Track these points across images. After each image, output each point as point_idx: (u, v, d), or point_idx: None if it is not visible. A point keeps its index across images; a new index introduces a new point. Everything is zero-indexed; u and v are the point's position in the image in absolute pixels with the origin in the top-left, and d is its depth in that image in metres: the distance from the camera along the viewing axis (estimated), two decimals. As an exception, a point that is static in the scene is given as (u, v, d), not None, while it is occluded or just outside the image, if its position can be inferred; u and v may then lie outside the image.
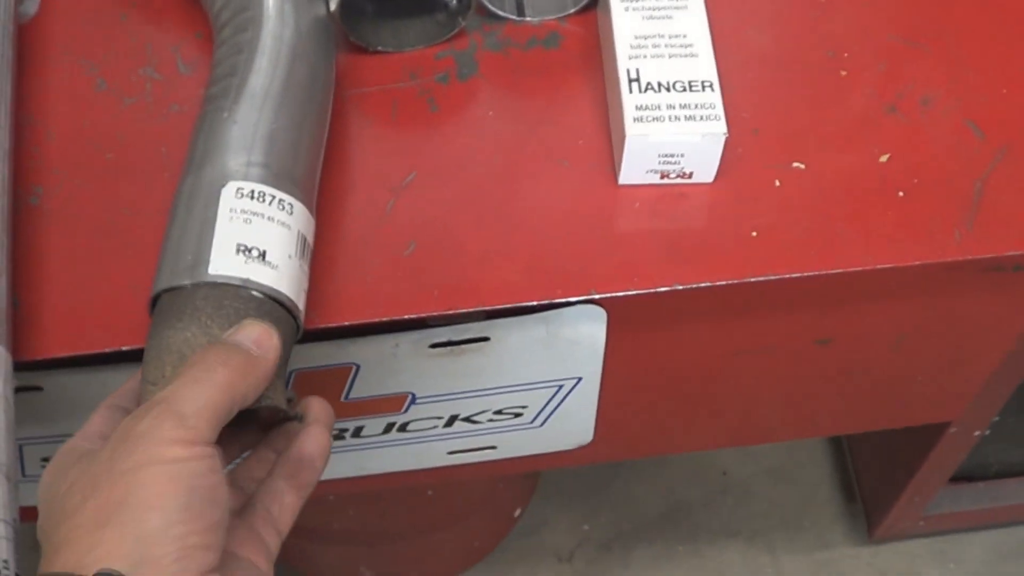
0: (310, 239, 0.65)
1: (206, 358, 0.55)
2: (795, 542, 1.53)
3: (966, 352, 0.86)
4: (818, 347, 0.81)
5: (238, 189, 0.62)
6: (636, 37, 0.73)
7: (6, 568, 0.57)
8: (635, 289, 0.69)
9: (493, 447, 0.86)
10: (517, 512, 1.51)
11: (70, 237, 0.71)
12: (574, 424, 0.85)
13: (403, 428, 0.82)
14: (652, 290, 0.69)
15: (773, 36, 0.79)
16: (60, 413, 0.73)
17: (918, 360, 0.85)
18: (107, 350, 0.67)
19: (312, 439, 0.61)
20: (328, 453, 0.62)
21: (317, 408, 0.62)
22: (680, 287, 0.69)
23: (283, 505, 0.59)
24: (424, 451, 0.85)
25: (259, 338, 0.57)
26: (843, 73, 0.78)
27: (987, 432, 1.14)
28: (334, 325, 0.68)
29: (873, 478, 1.48)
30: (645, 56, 0.72)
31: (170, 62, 0.78)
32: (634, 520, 1.55)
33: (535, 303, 0.69)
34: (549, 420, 0.83)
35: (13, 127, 0.71)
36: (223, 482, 0.53)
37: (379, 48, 0.77)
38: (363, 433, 0.81)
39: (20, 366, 0.65)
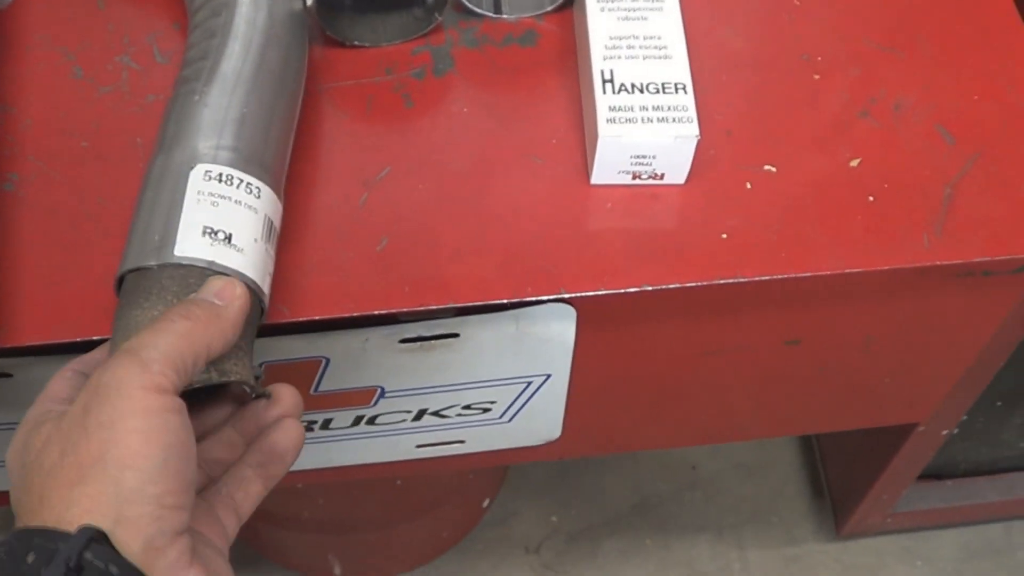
0: (277, 223, 0.65)
1: (168, 313, 0.56)
2: (763, 537, 1.54)
3: (935, 354, 0.87)
4: (787, 347, 0.82)
5: (206, 172, 0.62)
6: (611, 38, 0.73)
7: None
8: (605, 289, 0.69)
9: (462, 441, 0.87)
10: (486, 503, 1.52)
11: (44, 224, 0.71)
12: (542, 420, 0.85)
13: (372, 421, 0.82)
14: (622, 290, 0.69)
15: (747, 38, 0.79)
16: (28, 400, 0.72)
17: (887, 361, 0.86)
18: (81, 339, 0.67)
19: (286, 433, 0.61)
20: (301, 447, 0.62)
21: (288, 398, 0.62)
22: (650, 288, 0.70)
23: (247, 493, 0.60)
24: (393, 444, 0.85)
25: (221, 290, 0.58)
26: (816, 77, 0.78)
27: (955, 431, 1.15)
28: (304, 319, 0.68)
29: (841, 475, 1.49)
30: (619, 57, 0.72)
31: (147, 51, 0.78)
32: (603, 513, 1.56)
33: (506, 301, 0.69)
34: (517, 416, 0.84)
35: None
36: (194, 441, 0.53)
37: (355, 43, 0.77)
38: (332, 425, 0.82)
39: (-9, 352, 0.66)
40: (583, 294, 0.69)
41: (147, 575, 0.49)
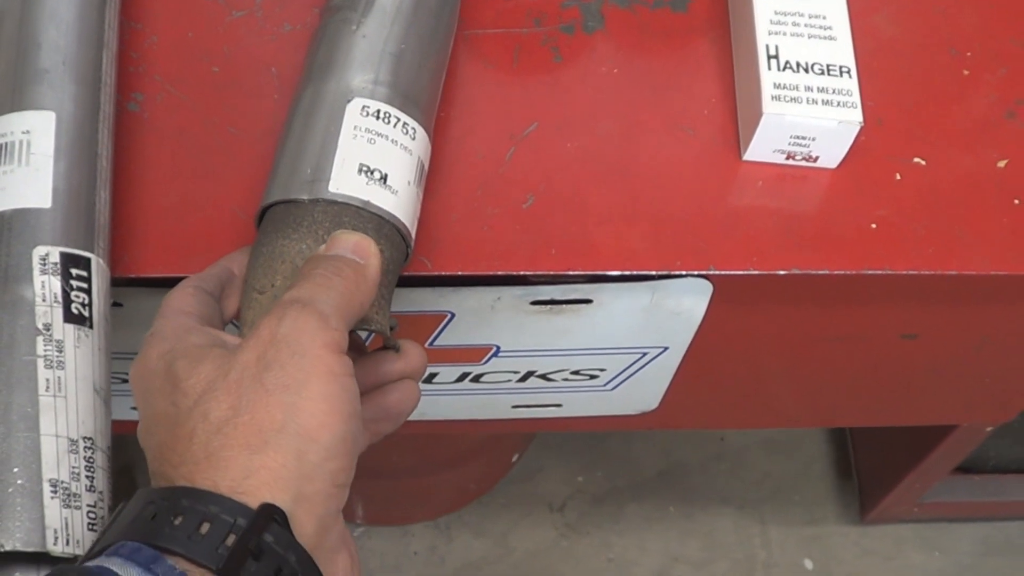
0: (427, 167, 0.63)
1: (320, 267, 0.53)
2: (785, 515, 1.54)
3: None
4: (903, 341, 0.81)
5: (364, 107, 0.60)
6: (776, 13, 0.71)
7: (101, 501, 0.55)
8: (755, 269, 0.68)
9: (559, 405, 0.86)
10: (515, 457, 1.51)
11: (170, 150, 0.69)
12: (644, 391, 0.84)
13: (477, 379, 0.80)
14: (771, 272, 0.68)
15: (900, 26, 0.78)
16: (133, 331, 0.70)
17: (995, 362, 0.85)
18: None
19: (405, 393, 0.59)
20: (414, 410, 0.60)
21: (416, 358, 0.60)
22: (798, 272, 0.68)
23: None
24: (490, 403, 0.84)
25: (356, 247, 0.55)
26: (965, 72, 0.77)
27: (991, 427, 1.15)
28: (447, 274, 0.66)
29: (873, 461, 1.49)
30: (784, 34, 0.71)
31: (284, -23, 0.75)
32: (629, 477, 1.55)
33: (653, 272, 0.68)
34: (622, 385, 0.82)
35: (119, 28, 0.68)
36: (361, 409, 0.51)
37: (506, -10, 0.75)
38: (435, 380, 0.80)
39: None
40: (732, 272, 0.68)
41: (314, 559, 0.46)
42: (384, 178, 0.59)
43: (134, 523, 0.46)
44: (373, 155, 0.59)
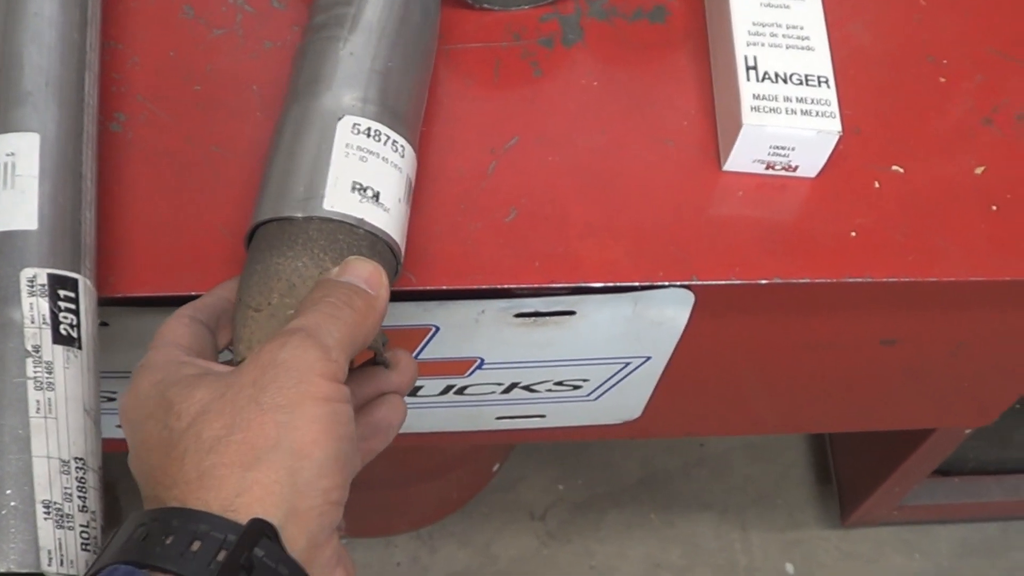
0: (413, 184, 0.64)
1: (331, 295, 0.53)
2: (766, 519, 1.55)
3: (1017, 362, 0.87)
4: (882, 347, 0.81)
5: (355, 125, 0.60)
6: (754, 24, 0.72)
7: (94, 520, 0.55)
8: (737, 279, 0.69)
9: (542, 416, 0.86)
10: (496, 467, 1.51)
11: (154, 169, 0.69)
12: (627, 400, 0.85)
13: (461, 391, 0.81)
14: (752, 281, 0.69)
15: (876, 34, 0.79)
16: (119, 349, 0.70)
17: (970, 366, 0.86)
18: (189, 293, 0.65)
19: (391, 407, 0.60)
20: (403, 423, 0.61)
21: (408, 367, 0.61)
22: (780, 281, 0.69)
23: None
24: (474, 415, 0.85)
25: (370, 278, 0.55)
26: (942, 80, 0.77)
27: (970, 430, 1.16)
28: (431, 288, 0.67)
29: (853, 465, 1.50)
30: (763, 44, 0.71)
31: (263, -5, 0.76)
32: (609, 485, 1.56)
33: (636, 284, 0.68)
34: (605, 395, 0.83)
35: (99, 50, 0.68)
36: (356, 431, 0.51)
37: (484, 5, 0.75)
38: (420, 393, 0.80)
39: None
40: (715, 282, 0.68)
41: (307, 572, 0.47)
42: (376, 196, 0.59)
43: (126, 545, 0.47)
44: (365, 173, 0.59)
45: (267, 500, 0.46)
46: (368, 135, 0.60)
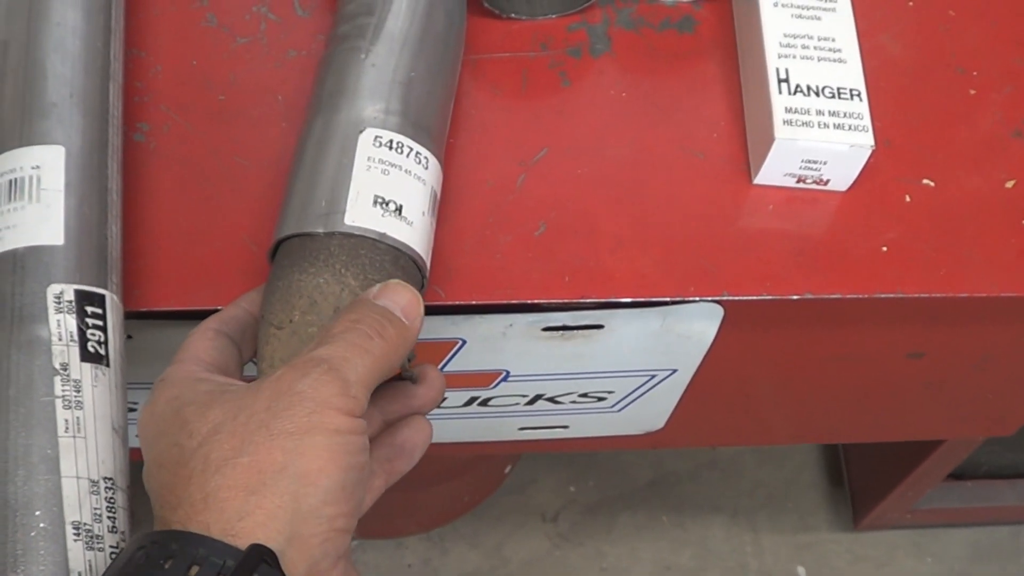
0: (439, 196, 0.63)
1: (363, 322, 0.52)
2: (777, 522, 1.55)
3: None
4: (908, 360, 0.81)
5: (376, 137, 0.59)
6: (785, 35, 0.71)
7: (123, 541, 0.55)
8: (768, 294, 0.68)
9: (565, 426, 0.85)
10: (507, 469, 1.51)
11: (177, 180, 0.68)
12: (651, 412, 0.84)
13: (485, 403, 0.80)
14: (784, 297, 0.68)
15: (904, 45, 0.78)
16: (143, 362, 0.70)
17: (995, 378, 0.86)
18: (217, 307, 0.64)
19: (417, 429, 0.60)
20: (428, 444, 0.60)
21: (437, 381, 0.60)
22: (811, 296, 0.68)
23: (370, 486, 0.57)
24: (496, 426, 0.84)
25: (408, 306, 0.54)
26: (972, 92, 0.77)
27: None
28: (461, 303, 0.66)
29: (865, 470, 1.49)
30: (795, 56, 0.70)
31: (287, 3, 0.75)
32: (621, 487, 1.55)
33: (668, 299, 0.67)
34: (629, 406, 0.82)
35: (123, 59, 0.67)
36: (369, 462, 0.51)
37: (512, 15, 0.74)
38: (444, 404, 0.80)
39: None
40: (746, 297, 0.68)
41: None
42: (399, 209, 0.58)
43: (125, 568, 0.46)
44: (388, 186, 0.58)
45: (269, 525, 0.46)
46: (390, 147, 0.59)
